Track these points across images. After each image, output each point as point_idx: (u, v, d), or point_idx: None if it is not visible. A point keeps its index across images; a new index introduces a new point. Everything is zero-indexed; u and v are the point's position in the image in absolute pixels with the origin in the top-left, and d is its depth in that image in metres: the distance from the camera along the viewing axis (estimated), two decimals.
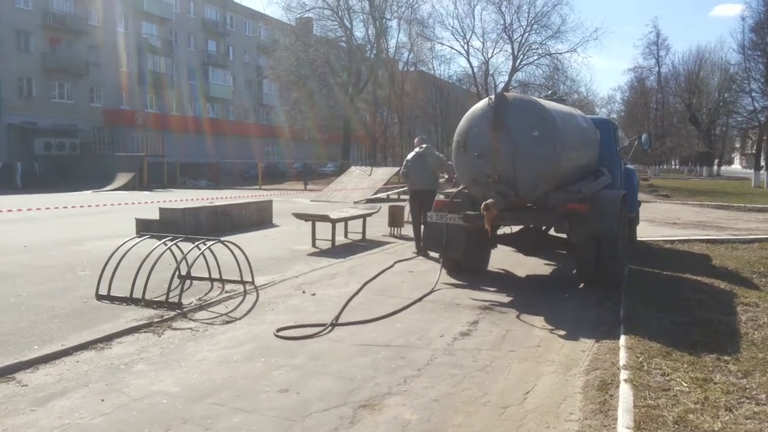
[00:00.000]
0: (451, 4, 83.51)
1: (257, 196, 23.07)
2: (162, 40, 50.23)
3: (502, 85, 50.73)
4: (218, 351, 5.29)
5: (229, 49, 58.82)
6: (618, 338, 5.71)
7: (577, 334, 5.97)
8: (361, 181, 25.13)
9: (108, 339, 5.45)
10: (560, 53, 48.52)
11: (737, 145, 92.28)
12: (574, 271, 9.44)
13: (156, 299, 6.71)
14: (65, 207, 18.43)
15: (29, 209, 16.65)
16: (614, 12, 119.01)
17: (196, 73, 54.28)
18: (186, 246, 7.26)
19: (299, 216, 11.18)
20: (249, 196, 23.11)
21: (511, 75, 49.71)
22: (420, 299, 7.19)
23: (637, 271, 9.06)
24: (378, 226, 13.40)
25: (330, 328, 6.00)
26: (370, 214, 12.33)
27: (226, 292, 7.35)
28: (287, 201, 22.45)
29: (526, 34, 48.47)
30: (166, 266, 7.22)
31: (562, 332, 6.04)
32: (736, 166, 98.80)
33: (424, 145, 10.98)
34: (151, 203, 18.01)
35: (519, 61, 49.43)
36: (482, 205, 6.99)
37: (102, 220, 15.99)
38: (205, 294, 7.24)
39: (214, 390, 4.41)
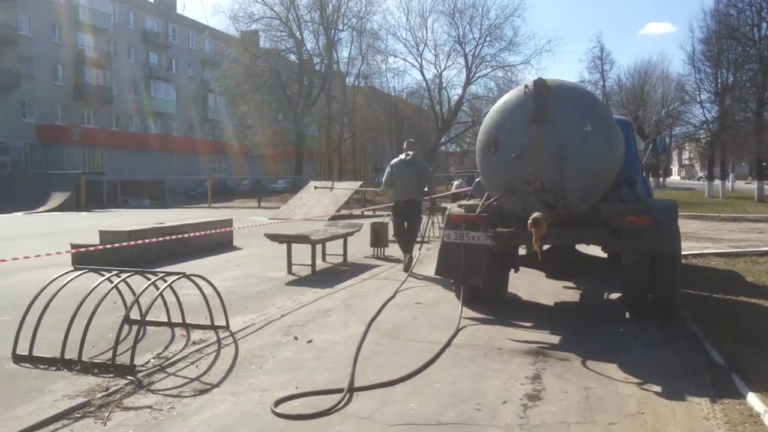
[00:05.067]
0: (403, 15, 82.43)
1: (208, 215, 21.04)
2: (100, 52, 47.26)
3: (456, 98, 49.95)
4: None
5: (172, 61, 56.10)
6: (740, 395, 4.26)
7: (679, 391, 4.46)
8: (323, 197, 23.34)
9: None
10: (514, 65, 47.98)
11: (675, 157, 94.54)
12: (607, 295, 8.06)
13: (97, 360, 4.88)
14: None
15: None
16: (556, 30, 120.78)
17: (137, 86, 51.41)
18: (136, 280, 5.47)
19: (273, 237, 9.39)
20: (199, 216, 21.05)
21: (465, 88, 48.90)
22: (448, 344, 5.56)
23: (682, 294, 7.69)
24: (357, 245, 11.73)
25: (347, 396, 4.33)
26: (351, 233, 10.65)
27: (194, 342, 5.54)
28: (243, 219, 20.53)
29: (480, 46, 47.75)
30: (110, 307, 5.42)
31: (657, 388, 4.52)
32: (675, 177, 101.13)
33: (411, 152, 9.75)
34: (88, 226, 15.84)
35: (473, 73, 48.65)
36: (530, 220, 5.43)
37: (32, 247, 13.76)
38: (165, 347, 5.41)
39: None
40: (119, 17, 50.07)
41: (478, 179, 7.34)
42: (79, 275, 5.38)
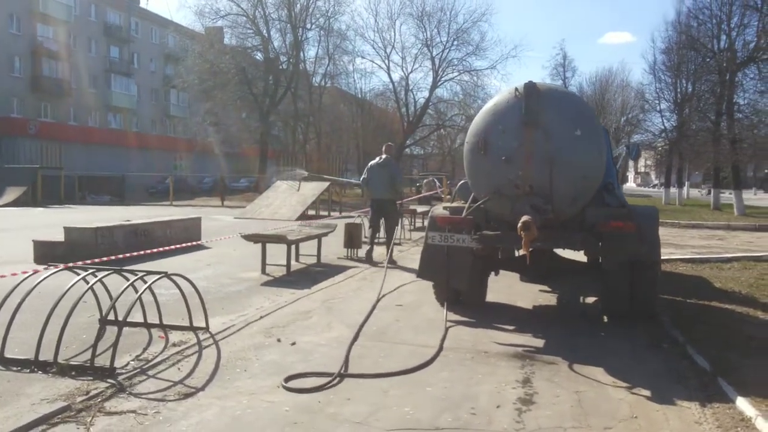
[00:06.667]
0: (371, 17, 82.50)
1: (171, 213, 20.61)
2: (59, 44, 45.91)
3: (422, 101, 50.09)
4: None
5: (133, 56, 54.83)
6: (729, 400, 4.31)
7: (668, 394, 4.49)
8: (290, 197, 23.10)
9: None
10: (480, 70, 48.29)
11: (631, 165, 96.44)
12: (583, 299, 8.14)
13: (75, 362, 4.66)
14: None
15: None
16: (521, 37, 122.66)
17: (97, 80, 50.10)
18: (110, 279, 5.26)
19: (249, 237, 9.20)
20: (163, 214, 20.63)
21: (431, 91, 49.03)
22: (441, 348, 5.47)
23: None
24: (329, 246, 11.58)
25: (338, 379, 4.59)
26: (326, 234, 10.52)
27: (173, 344, 5.34)
28: (208, 218, 20.10)
29: (447, 50, 47.95)
30: (81, 306, 5.17)
31: (646, 392, 4.54)
32: (631, 184, 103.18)
33: (383, 156, 10.81)
34: (48, 222, 15.32)
35: (439, 77, 48.84)
36: (520, 224, 5.41)
37: None
38: (144, 349, 5.21)
39: None
40: (80, 9, 48.72)
41: (462, 182, 7.31)
42: (53, 273, 5.14)
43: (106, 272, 5.16)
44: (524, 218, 5.42)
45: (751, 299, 8.04)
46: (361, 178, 11.18)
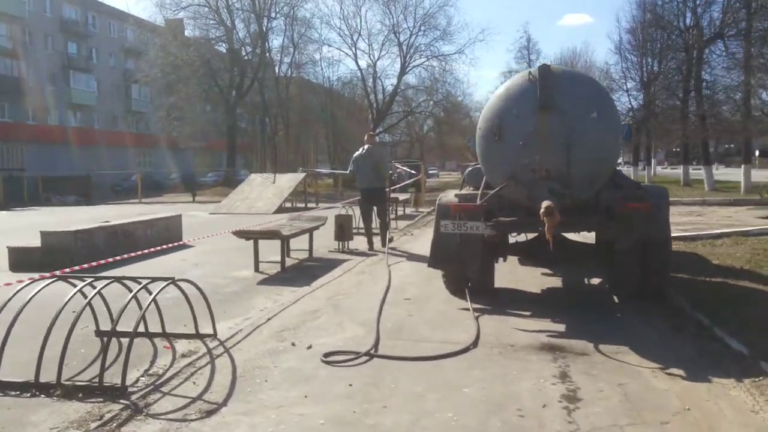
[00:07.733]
0: (336, 4, 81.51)
1: (144, 212, 20.00)
2: (14, 41, 44.26)
3: (391, 88, 49.73)
4: None
5: (92, 51, 53.20)
6: None
7: (712, 382, 4.31)
8: (265, 190, 22.63)
9: None
10: (448, 54, 48.07)
11: None
12: (588, 281, 7.99)
13: (79, 381, 4.27)
14: None
15: None
16: (486, 21, 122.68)
17: (55, 77, 48.47)
18: (110, 290, 4.86)
19: (241, 234, 8.79)
20: (134, 212, 20.02)
21: (399, 77, 48.71)
22: (476, 343, 5.21)
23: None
24: (318, 239, 11.22)
25: (370, 357, 4.87)
26: (317, 227, 10.17)
27: (183, 355, 4.97)
28: (183, 215, 19.53)
29: (414, 35, 47.61)
30: (70, 318, 4.77)
31: (689, 380, 4.37)
32: None
33: (366, 146, 10.99)
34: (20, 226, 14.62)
35: (407, 63, 48.51)
36: (543, 209, 5.17)
37: None
38: (152, 363, 4.83)
39: None
40: (34, 5, 46.92)
41: (470, 168, 7.07)
42: (49, 284, 4.72)
43: (106, 282, 4.76)
44: (546, 203, 5.19)
45: (755, 275, 7.94)
46: (348, 170, 11.42)
